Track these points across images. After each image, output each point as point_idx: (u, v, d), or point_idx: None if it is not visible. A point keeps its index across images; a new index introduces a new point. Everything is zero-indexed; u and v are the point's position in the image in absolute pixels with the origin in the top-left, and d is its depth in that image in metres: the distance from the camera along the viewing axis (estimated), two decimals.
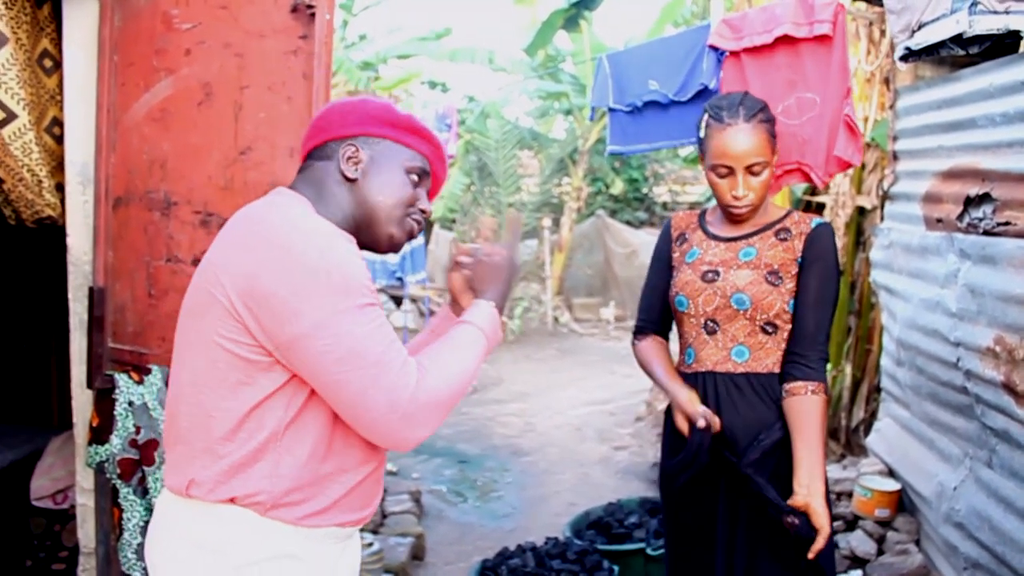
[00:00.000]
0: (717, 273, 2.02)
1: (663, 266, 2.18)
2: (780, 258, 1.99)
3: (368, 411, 1.27)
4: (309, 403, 1.33)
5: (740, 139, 1.94)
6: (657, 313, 2.19)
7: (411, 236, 1.52)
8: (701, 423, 1.93)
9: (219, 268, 1.31)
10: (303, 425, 1.32)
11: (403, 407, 1.27)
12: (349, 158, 1.44)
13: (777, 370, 1.99)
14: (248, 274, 1.27)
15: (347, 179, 1.44)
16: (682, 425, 1.98)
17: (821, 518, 1.81)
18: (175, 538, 1.36)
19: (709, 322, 2.03)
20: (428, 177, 1.54)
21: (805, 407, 1.90)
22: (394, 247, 1.50)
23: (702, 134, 2.04)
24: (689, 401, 1.97)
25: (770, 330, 1.99)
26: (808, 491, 1.82)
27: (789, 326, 1.99)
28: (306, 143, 1.50)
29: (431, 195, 1.58)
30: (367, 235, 1.46)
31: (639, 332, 2.23)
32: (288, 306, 1.25)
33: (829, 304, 1.97)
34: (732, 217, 2.04)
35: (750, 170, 1.96)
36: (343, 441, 1.37)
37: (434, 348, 1.40)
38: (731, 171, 1.97)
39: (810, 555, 1.83)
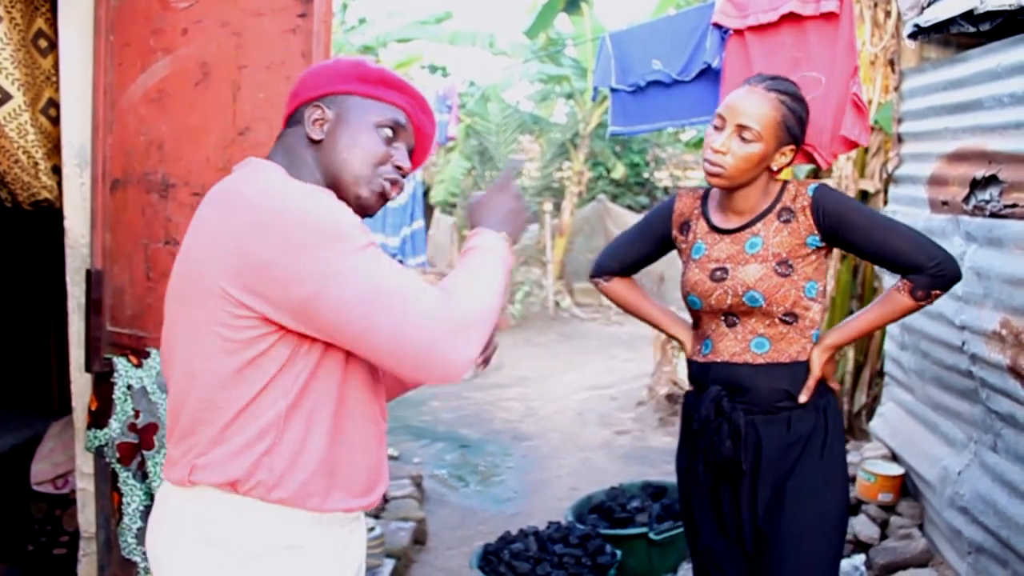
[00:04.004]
0: (726, 271, 1.94)
1: (651, 236, 2.16)
2: (788, 244, 1.91)
3: (408, 347, 1.20)
4: (309, 386, 1.29)
5: (744, 97, 1.88)
6: (629, 263, 2.21)
7: (384, 198, 1.43)
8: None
9: (200, 253, 1.27)
10: (303, 409, 1.29)
11: (441, 330, 1.21)
12: (315, 120, 1.39)
13: (802, 358, 1.93)
14: (236, 251, 1.22)
15: (313, 141, 1.39)
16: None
17: (815, 366, 1.92)
18: (179, 532, 1.33)
19: (728, 316, 1.97)
20: (407, 131, 1.45)
21: (883, 297, 1.92)
22: (363, 210, 1.41)
23: None
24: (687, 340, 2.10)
25: (790, 320, 1.92)
26: (819, 347, 1.93)
27: (809, 312, 1.93)
28: (285, 111, 1.47)
29: (421, 152, 1.50)
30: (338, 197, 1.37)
31: (604, 272, 2.23)
32: (289, 269, 1.19)
33: (888, 226, 1.88)
34: (708, 177, 1.94)
35: (740, 133, 1.87)
36: (348, 423, 1.34)
37: (449, 277, 1.32)
38: (723, 124, 1.89)
39: (801, 397, 1.92)
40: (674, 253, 2.18)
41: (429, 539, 4.24)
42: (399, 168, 1.42)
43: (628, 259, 2.20)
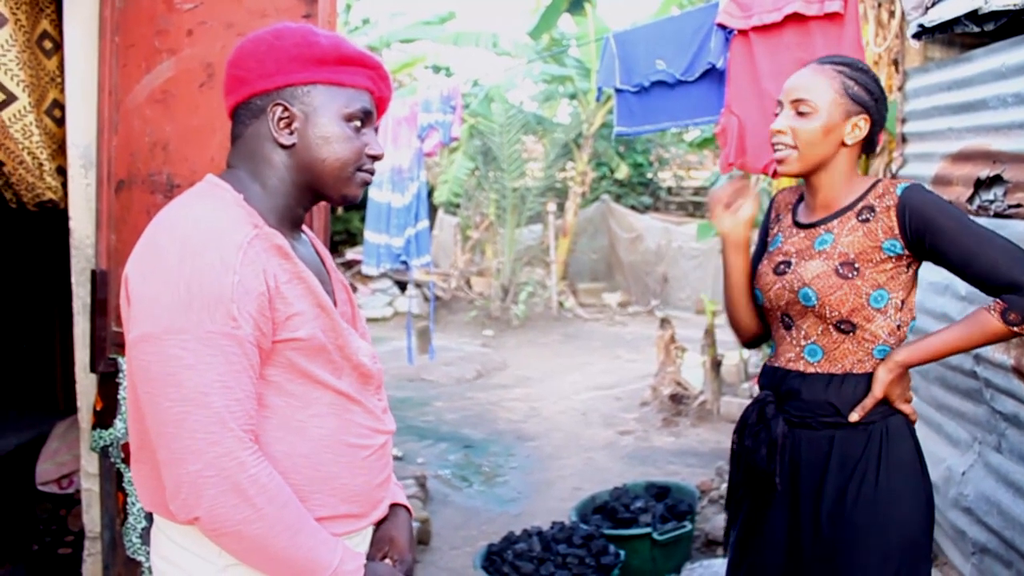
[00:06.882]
0: (789, 264, 1.81)
1: (761, 233, 2.04)
2: (859, 245, 1.73)
3: (163, 449, 1.14)
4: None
5: (796, 75, 1.79)
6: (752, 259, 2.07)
7: (366, 184, 1.37)
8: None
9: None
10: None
11: (201, 465, 1.12)
12: (280, 120, 1.29)
13: (857, 371, 1.76)
14: (126, 275, 1.23)
15: (282, 146, 1.30)
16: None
17: (877, 384, 1.72)
18: (165, 540, 1.31)
19: (784, 316, 1.84)
20: (373, 113, 1.35)
21: (970, 316, 1.68)
22: (350, 202, 1.37)
23: None
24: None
25: (846, 328, 1.75)
26: (886, 363, 1.73)
27: (871, 324, 1.74)
28: (227, 95, 1.34)
29: (379, 115, 1.39)
30: (318, 196, 1.35)
31: None
32: (137, 308, 1.18)
33: (982, 235, 1.65)
34: (777, 167, 1.83)
35: (796, 109, 1.76)
36: (307, 446, 1.27)
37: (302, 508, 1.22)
38: (781, 107, 1.80)
39: (851, 415, 1.73)
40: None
41: (433, 539, 4.24)
42: (374, 157, 1.35)
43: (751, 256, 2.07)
